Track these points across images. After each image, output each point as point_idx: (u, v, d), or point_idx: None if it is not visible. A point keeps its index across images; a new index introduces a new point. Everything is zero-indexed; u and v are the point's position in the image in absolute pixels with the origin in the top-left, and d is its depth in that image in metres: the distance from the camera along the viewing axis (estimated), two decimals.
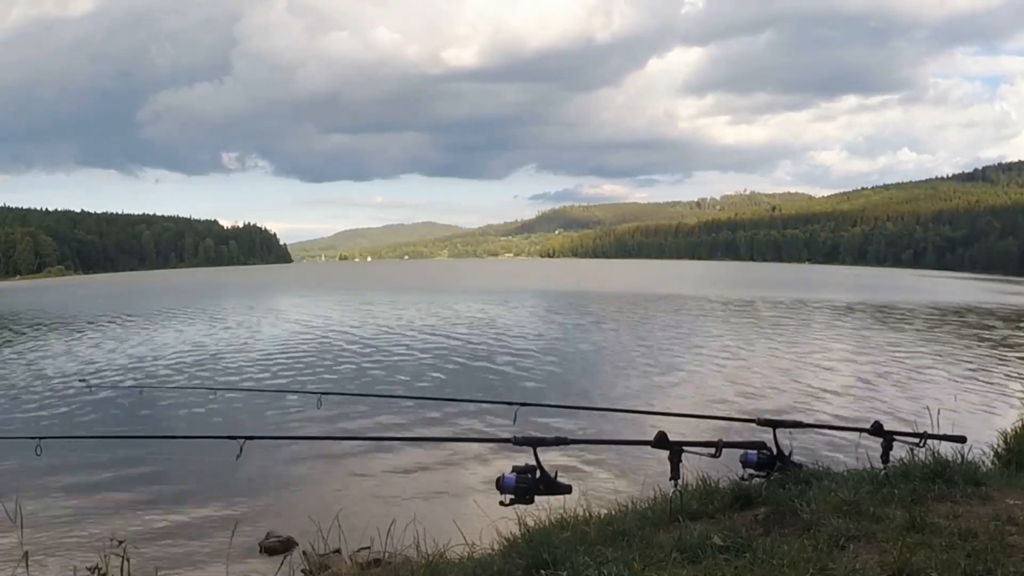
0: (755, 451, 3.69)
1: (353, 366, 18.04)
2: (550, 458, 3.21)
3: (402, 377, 16.38)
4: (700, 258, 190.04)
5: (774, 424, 3.88)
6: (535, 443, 3.26)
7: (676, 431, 3.56)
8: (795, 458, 3.82)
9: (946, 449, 3.92)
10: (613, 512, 3.77)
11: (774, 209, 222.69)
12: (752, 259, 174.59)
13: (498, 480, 3.13)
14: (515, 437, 3.30)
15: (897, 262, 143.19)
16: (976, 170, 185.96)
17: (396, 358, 19.14)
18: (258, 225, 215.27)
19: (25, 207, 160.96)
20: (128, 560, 3.60)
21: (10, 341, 25.23)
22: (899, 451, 3.97)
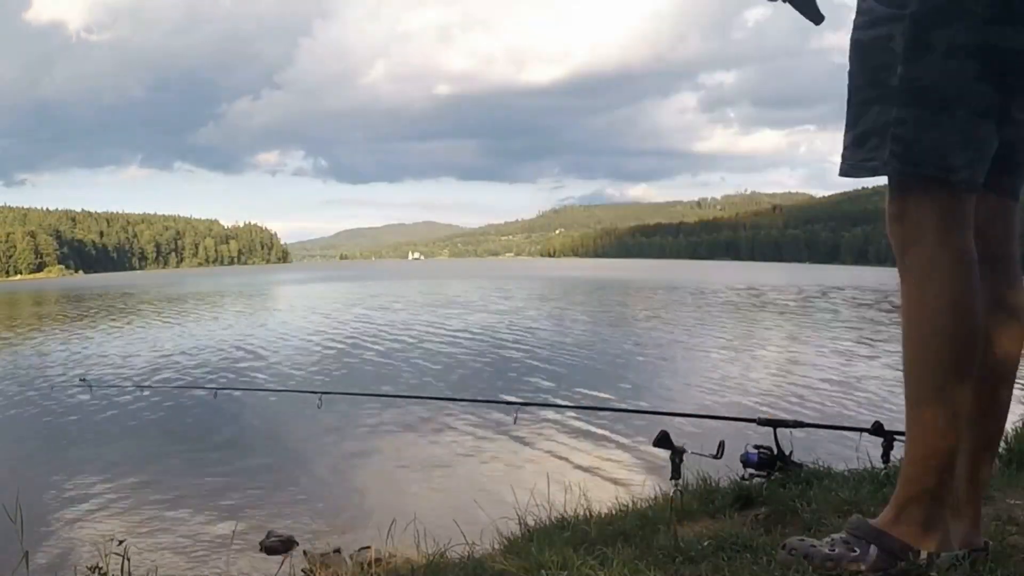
0: (756, 450, 3.70)
1: (354, 365, 18.05)
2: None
3: (402, 376, 16.37)
4: (700, 258, 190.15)
5: (775, 424, 3.89)
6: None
7: (677, 430, 3.57)
8: (796, 458, 3.83)
9: None
10: (613, 512, 3.77)
11: (775, 209, 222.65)
12: (753, 259, 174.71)
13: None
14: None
15: None
16: None
17: (396, 357, 19.13)
18: (259, 224, 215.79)
19: (26, 207, 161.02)
20: (128, 560, 3.60)
21: (10, 340, 25.25)
22: (900, 451, 3.97)
